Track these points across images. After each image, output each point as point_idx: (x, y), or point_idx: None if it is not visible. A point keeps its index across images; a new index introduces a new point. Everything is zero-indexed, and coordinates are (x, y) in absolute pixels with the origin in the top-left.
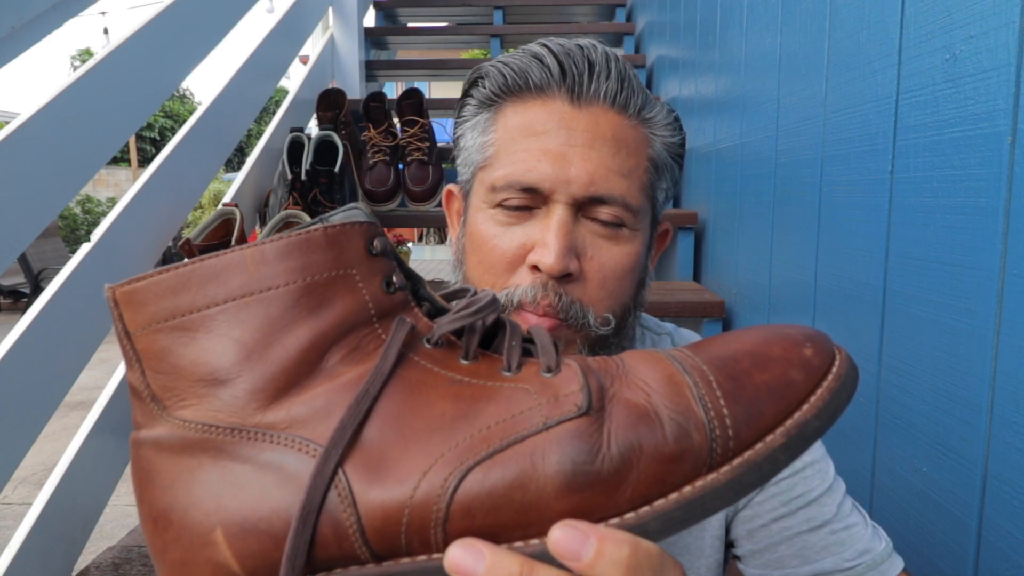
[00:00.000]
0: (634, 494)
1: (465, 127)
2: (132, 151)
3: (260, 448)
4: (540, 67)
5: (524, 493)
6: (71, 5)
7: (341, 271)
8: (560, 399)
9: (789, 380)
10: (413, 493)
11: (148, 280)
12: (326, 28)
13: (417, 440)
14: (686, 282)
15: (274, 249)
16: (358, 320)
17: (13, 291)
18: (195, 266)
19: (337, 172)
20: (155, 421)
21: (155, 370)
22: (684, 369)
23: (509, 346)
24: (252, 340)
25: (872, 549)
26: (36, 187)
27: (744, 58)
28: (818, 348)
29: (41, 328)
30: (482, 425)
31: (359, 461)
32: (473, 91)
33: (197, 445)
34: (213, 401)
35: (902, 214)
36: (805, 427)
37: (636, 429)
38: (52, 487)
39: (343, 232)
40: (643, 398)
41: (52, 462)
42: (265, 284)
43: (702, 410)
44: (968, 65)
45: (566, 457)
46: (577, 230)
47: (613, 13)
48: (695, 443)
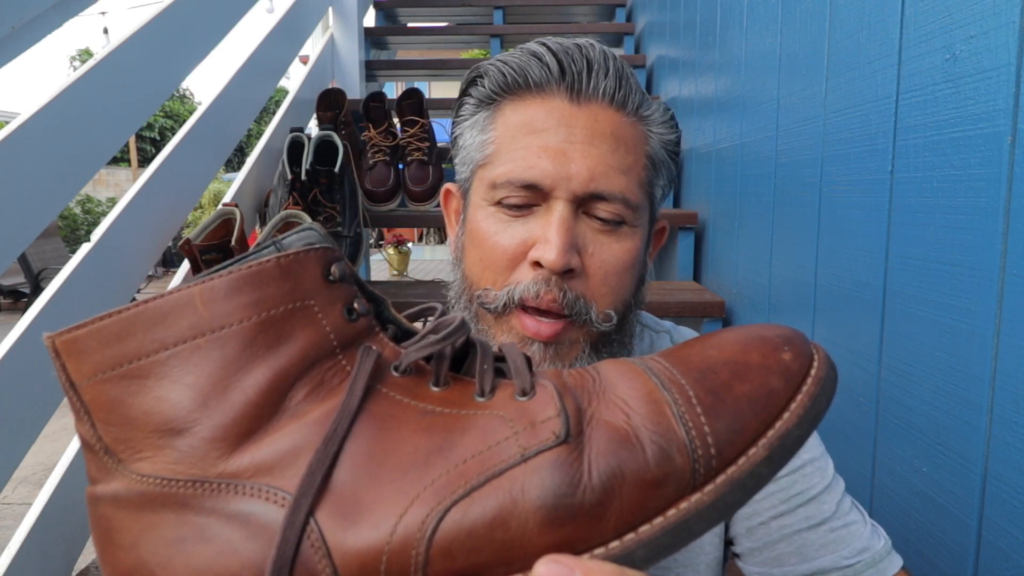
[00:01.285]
0: (618, 522)
1: (464, 126)
2: (132, 151)
3: (225, 500)
4: (539, 65)
5: (505, 531)
6: (71, 5)
7: (298, 303)
8: (537, 426)
9: (770, 389)
10: (390, 537)
11: (90, 327)
12: (326, 28)
13: (391, 480)
14: (686, 282)
15: (224, 285)
16: (320, 353)
17: (13, 291)
18: (140, 309)
19: (337, 172)
20: (111, 476)
21: (106, 422)
22: (663, 385)
23: (481, 370)
24: (208, 384)
25: (871, 547)
26: (36, 187)
27: (744, 58)
28: (796, 351)
29: (41, 328)
30: (458, 459)
31: (331, 507)
32: (472, 90)
33: (158, 500)
34: (171, 452)
35: (902, 214)
36: (787, 437)
37: (617, 455)
38: (52, 487)
39: (297, 260)
40: (623, 420)
41: (52, 462)
42: (217, 323)
43: (683, 430)
44: (968, 65)
45: (547, 490)
46: (578, 226)
47: (613, 13)
48: (677, 465)
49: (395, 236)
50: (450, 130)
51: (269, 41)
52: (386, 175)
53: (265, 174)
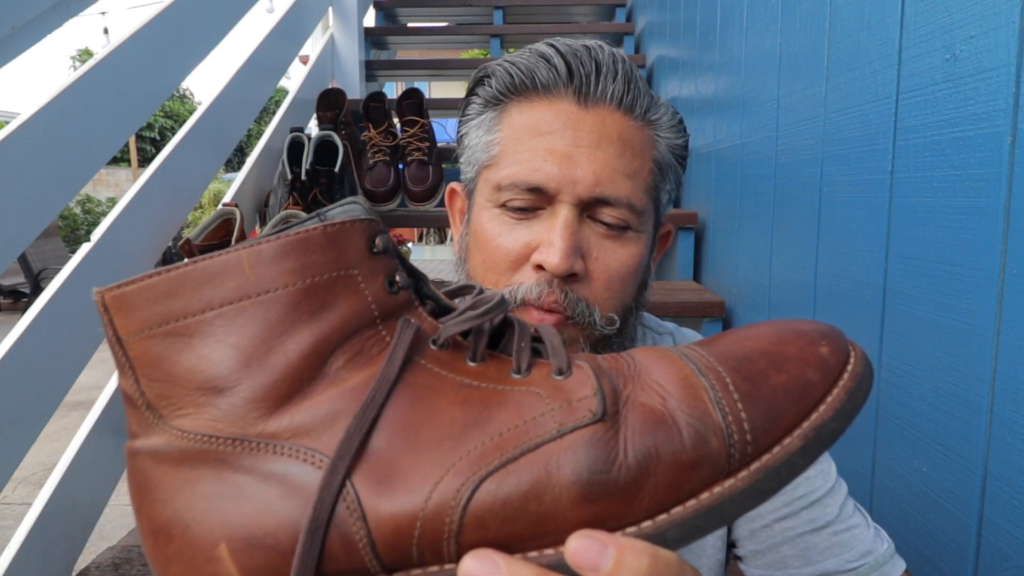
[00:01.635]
0: (651, 502)
1: (469, 125)
2: (132, 151)
3: (263, 459)
4: (547, 67)
5: (539, 503)
6: (71, 5)
7: (342, 272)
8: (573, 404)
9: (806, 381)
10: (425, 504)
11: (139, 284)
12: (326, 28)
13: (427, 449)
14: (686, 282)
15: (271, 249)
16: (361, 323)
17: (13, 291)
18: (189, 268)
19: (337, 172)
20: (151, 430)
21: (149, 378)
22: (699, 371)
23: (518, 347)
24: (251, 346)
25: (874, 551)
26: (36, 187)
27: (744, 58)
28: (834, 346)
29: (41, 328)
30: (494, 432)
31: (367, 472)
32: (479, 90)
33: (197, 456)
34: (212, 410)
35: (902, 214)
36: (823, 429)
37: (653, 435)
38: (52, 487)
39: (343, 230)
40: (659, 402)
41: (52, 462)
42: (263, 287)
43: (719, 414)
44: (968, 65)
45: (582, 466)
46: (582, 230)
47: (613, 13)
48: (713, 449)
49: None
50: (451, 130)
51: (269, 41)
52: (386, 175)
53: (265, 174)
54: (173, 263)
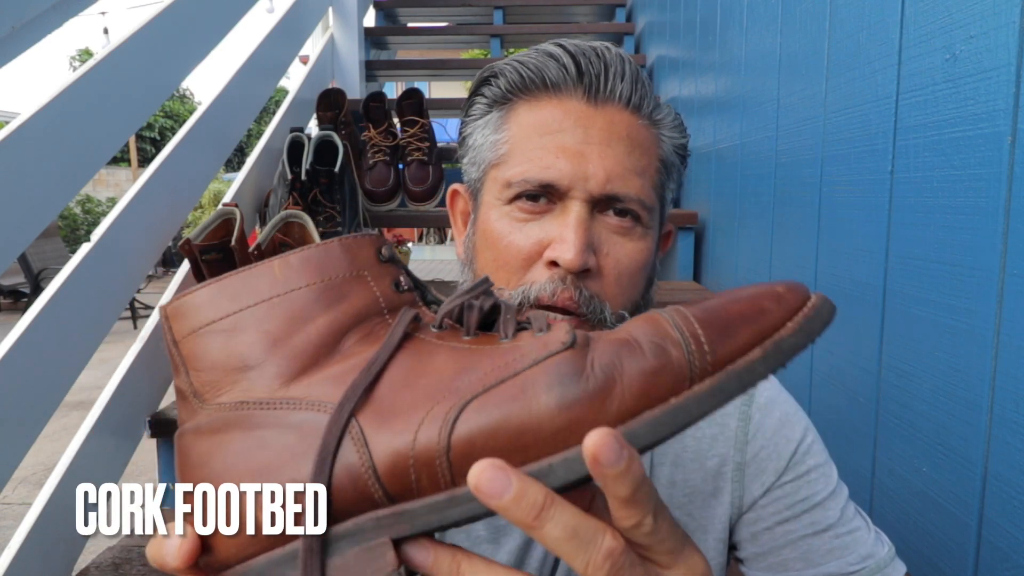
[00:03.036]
0: (620, 407)
1: (474, 126)
2: (132, 151)
3: (284, 415)
4: (557, 66)
5: (519, 416)
6: (71, 5)
7: (355, 272)
8: (549, 344)
9: (761, 308)
10: (417, 430)
11: (191, 295)
12: (326, 28)
13: (422, 389)
14: (686, 282)
15: (297, 258)
16: (371, 311)
17: (13, 291)
18: (231, 278)
19: (337, 172)
20: (196, 414)
21: (196, 368)
22: (664, 311)
23: (504, 319)
24: (278, 331)
25: (875, 554)
26: (36, 187)
27: (744, 58)
28: (791, 288)
29: (41, 328)
30: (480, 372)
31: (371, 411)
32: (484, 90)
33: (232, 422)
34: (245, 384)
35: (902, 214)
36: (782, 342)
37: (617, 352)
38: (52, 487)
39: (355, 242)
40: (623, 334)
41: (52, 462)
42: (290, 286)
43: (677, 332)
44: (968, 65)
45: (553, 380)
46: (593, 227)
47: (613, 13)
48: (673, 357)
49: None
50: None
51: (269, 41)
52: (386, 175)
53: (265, 174)
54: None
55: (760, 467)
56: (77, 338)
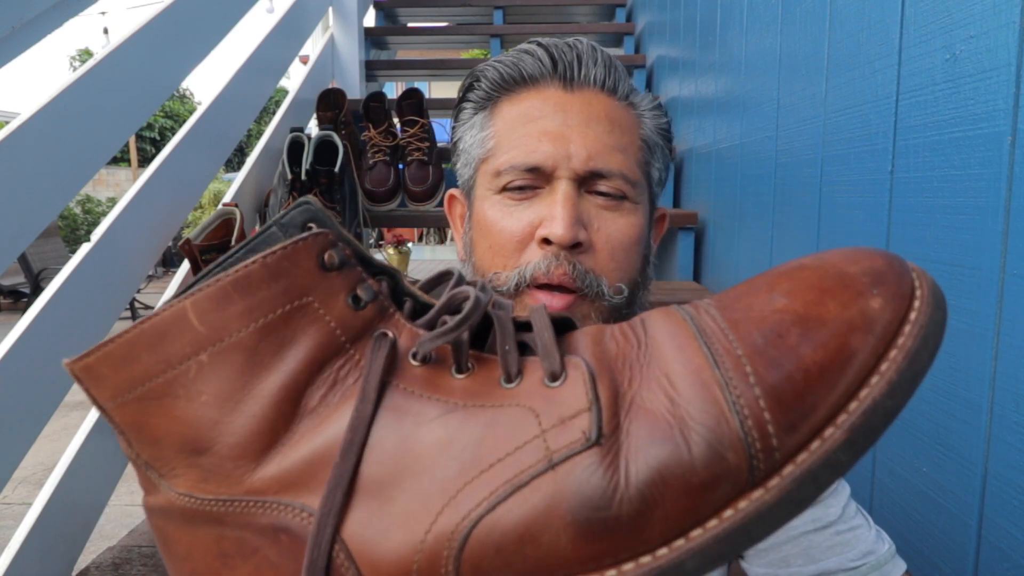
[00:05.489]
0: (664, 530)
1: (463, 129)
2: (132, 151)
3: (256, 516)
4: (532, 59)
5: (537, 547)
6: (71, 5)
7: (295, 303)
8: (566, 423)
9: (851, 352)
10: (417, 555)
11: (98, 353)
12: (326, 28)
13: (415, 492)
14: (686, 282)
15: (214, 295)
16: (329, 352)
17: (13, 291)
18: (138, 331)
19: (337, 172)
20: (156, 489)
21: (139, 442)
22: (715, 360)
23: (503, 352)
24: (219, 399)
25: (876, 551)
26: (36, 187)
27: (744, 58)
28: (890, 293)
29: (41, 328)
30: (484, 465)
31: (356, 522)
32: (469, 94)
33: (197, 516)
34: (197, 471)
35: (902, 214)
36: (873, 412)
37: (657, 456)
38: (52, 487)
39: (286, 257)
40: (666, 407)
41: (52, 462)
42: (215, 336)
43: (738, 421)
44: (968, 65)
45: (577, 502)
46: (582, 203)
47: (613, 13)
48: (731, 465)
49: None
50: (451, 131)
51: (269, 41)
52: (386, 175)
53: (265, 174)
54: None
55: None
56: (77, 338)
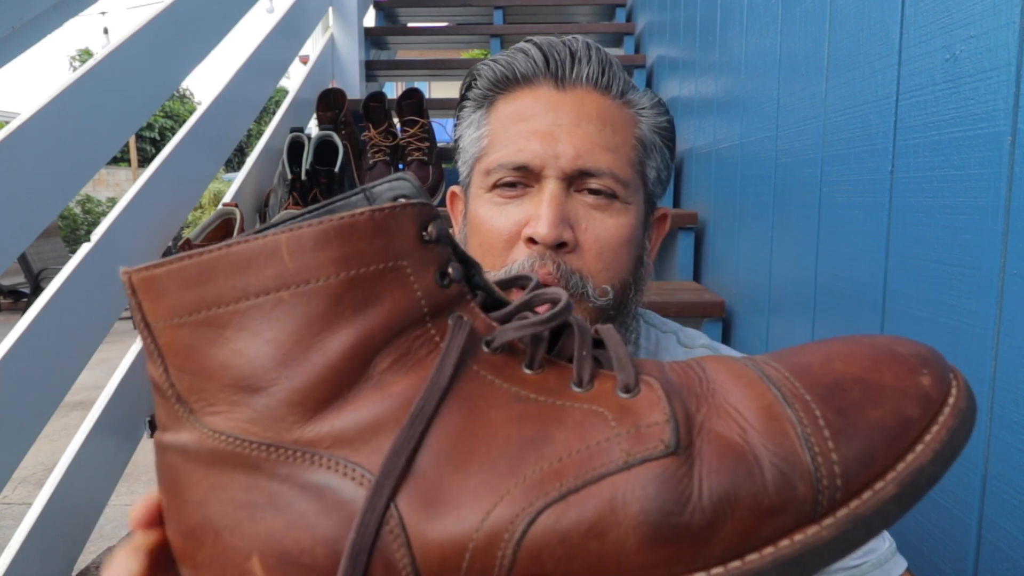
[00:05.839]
0: (724, 548)
1: (463, 128)
2: (132, 151)
3: (300, 468)
4: (525, 58)
5: (601, 543)
6: (71, 5)
7: (390, 263)
8: (642, 431)
9: (905, 417)
10: (476, 534)
11: (170, 266)
12: (326, 28)
13: (479, 471)
14: (686, 282)
15: (312, 235)
16: (409, 320)
17: (13, 291)
18: (224, 252)
19: (337, 172)
20: (181, 425)
21: (180, 368)
22: (784, 398)
23: (579, 356)
24: (289, 342)
25: (876, 548)
26: (36, 187)
27: (744, 58)
28: (936, 376)
29: (41, 328)
30: (553, 457)
31: (413, 493)
32: (468, 93)
33: (229, 459)
34: (245, 411)
35: (902, 214)
36: (920, 474)
37: (732, 474)
38: (52, 487)
39: (393, 216)
40: (738, 434)
41: (52, 462)
42: (303, 277)
43: (808, 454)
44: (968, 65)
45: (651, 505)
46: (570, 203)
47: (613, 13)
48: (799, 494)
49: None
50: (451, 130)
51: (269, 41)
52: (386, 175)
53: (265, 174)
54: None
55: None
56: (77, 338)
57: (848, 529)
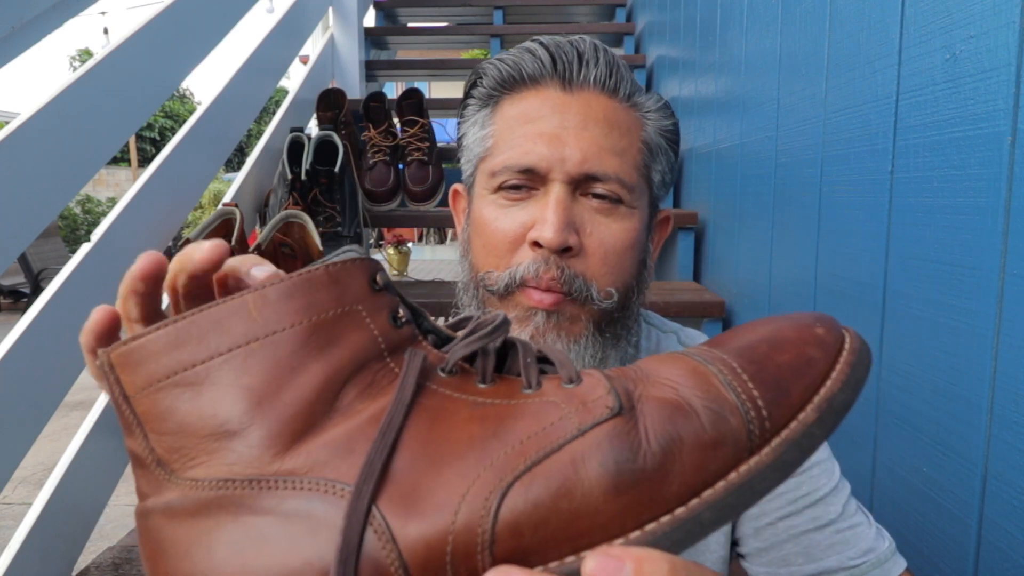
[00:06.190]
0: (681, 487)
1: (466, 126)
2: (132, 151)
3: (282, 497)
4: (532, 59)
5: (570, 501)
6: (71, 5)
7: (347, 307)
8: (588, 405)
9: (809, 357)
10: (454, 519)
11: (144, 338)
12: (326, 28)
13: (449, 465)
14: (686, 282)
15: (276, 292)
16: (369, 355)
17: (13, 291)
18: (194, 317)
19: (337, 172)
20: (163, 487)
21: (159, 432)
22: (705, 360)
23: (525, 363)
24: (262, 386)
25: (876, 548)
26: (36, 187)
27: (744, 58)
28: (828, 328)
29: (41, 328)
30: (515, 441)
31: (392, 495)
32: (473, 91)
33: (213, 504)
34: (226, 455)
35: (902, 214)
36: (834, 400)
37: (672, 421)
38: (52, 487)
39: (344, 269)
40: (671, 393)
41: (52, 462)
42: (270, 328)
43: (732, 394)
44: (968, 65)
45: (607, 458)
46: (575, 207)
47: (613, 13)
48: (732, 427)
49: (395, 236)
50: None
51: (269, 41)
52: (386, 175)
53: (265, 174)
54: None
55: None
56: (77, 338)
57: (783, 452)
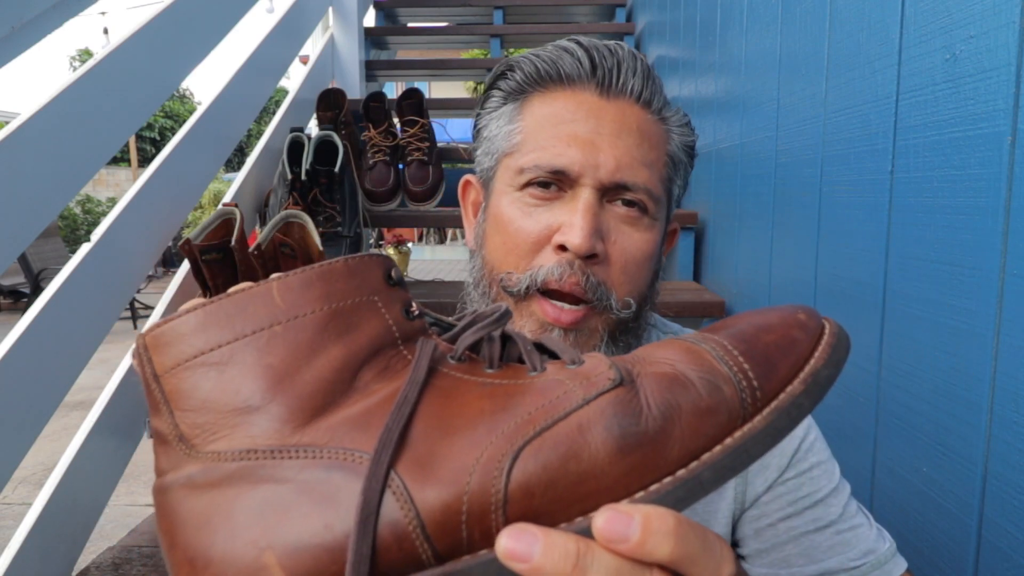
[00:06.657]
0: (681, 450)
1: (489, 118)
2: (132, 151)
3: (302, 466)
4: (571, 60)
5: (578, 463)
6: (71, 5)
7: (364, 297)
8: (592, 379)
9: (793, 338)
10: (469, 481)
11: (175, 321)
12: (326, 28)
13: (462, 434)
14: (686, 282)
15: (298, 280)
16: (385, 342)
17: (13, 291)
18: (222, 302)
19: (337, 172)
20: (183, 462)
21: (183, 408)
22: (697, 341)
23: (527, 351)
24: (283, 366)
25: (876, 549)
26: (36, 187)
27: (744, 58)
28: (809, 315)
29: (41, 328)
30: (523, 413)
31: (409, 461)
32: (500, 83)
33: (235, 474)
34: (248, 428)
35: (902, 214)
36: (818, 375)
37: (671, 390)
38: (52, 487)
39: (362, 263)
40: (668, 368)
41: (52, 462)
42: (292, 313)
43: (725, 367)
44: (968, 65)
45: (612, 422)
46: (602, 214)
47: (613, 13)
48: (727, 395)
49: (395, 236)
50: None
51: (269, 41)
52: (386, 175)
53: (265, 174)
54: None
55: (763, 463)
56: (77, 338)
57: (774, 420)
